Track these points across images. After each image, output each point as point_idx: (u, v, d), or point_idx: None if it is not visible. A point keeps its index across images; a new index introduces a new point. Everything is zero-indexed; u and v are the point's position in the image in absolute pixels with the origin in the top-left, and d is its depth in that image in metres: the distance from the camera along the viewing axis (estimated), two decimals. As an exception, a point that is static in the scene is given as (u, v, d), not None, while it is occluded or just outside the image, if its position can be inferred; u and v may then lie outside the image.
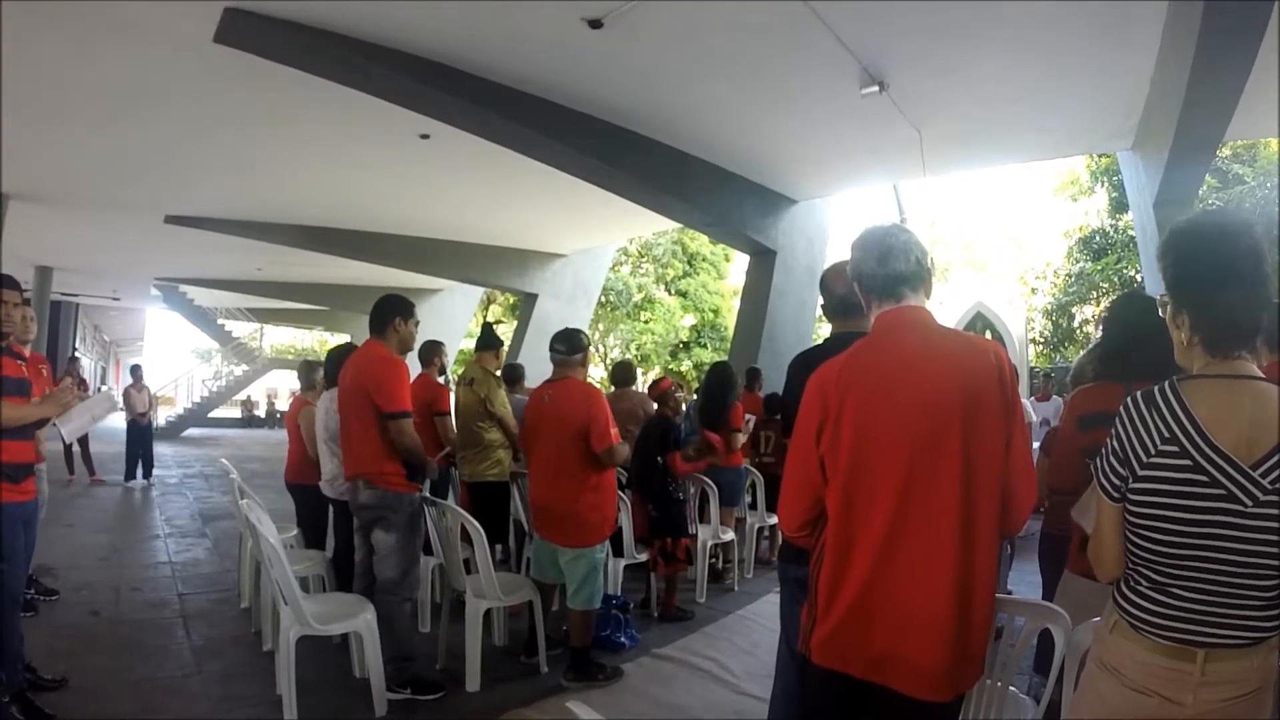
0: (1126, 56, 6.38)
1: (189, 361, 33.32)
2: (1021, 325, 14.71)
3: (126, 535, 8.30)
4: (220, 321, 27.40)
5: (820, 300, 2.97)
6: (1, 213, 11.73)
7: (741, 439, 6.61)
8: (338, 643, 4.46)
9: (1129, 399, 1.69)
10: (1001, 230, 32.71)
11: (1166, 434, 1.61)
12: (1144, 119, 7.52)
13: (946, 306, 14.65)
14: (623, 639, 4.81)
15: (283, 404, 32.86)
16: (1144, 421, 1.64)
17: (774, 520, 6.99)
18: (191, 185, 11.97)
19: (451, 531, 4.41)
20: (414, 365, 4.59)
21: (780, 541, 2.86)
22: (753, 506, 6.98)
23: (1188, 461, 1.58)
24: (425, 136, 8.96)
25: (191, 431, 23.29)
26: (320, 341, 39.56)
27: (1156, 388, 1.66)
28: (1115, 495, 1.69)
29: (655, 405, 5.93)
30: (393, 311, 4.15)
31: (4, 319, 3.57)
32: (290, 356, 33.80)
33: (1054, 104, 7.47)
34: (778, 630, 3.01)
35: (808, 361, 2.50)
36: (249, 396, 30.26)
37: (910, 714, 1.89)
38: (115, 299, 26.54)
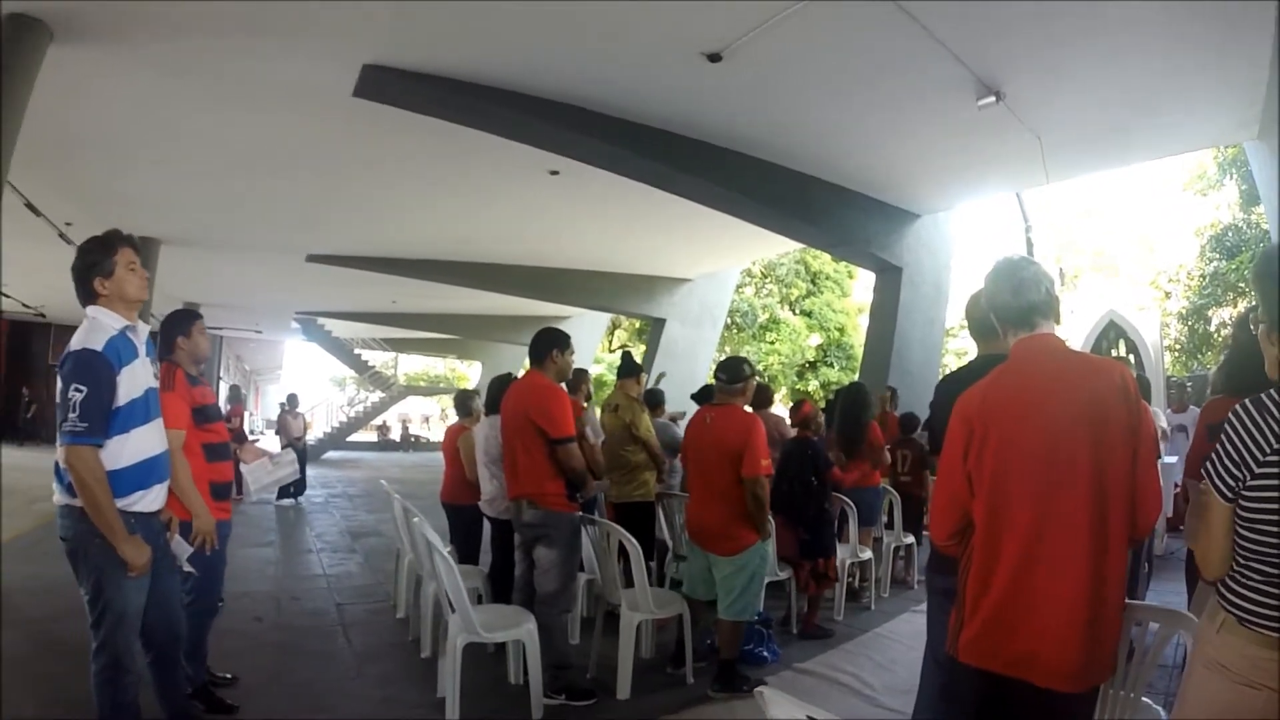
0: (1243, 42, 6.05)
1: (326, 388, 34.97)
2: (1156, 332, 14.03)
3: (281, 550, 8.85)
4: (357, 351, 28.52)
5: (960, 320, 3.09)
6: (154, 256, 12.58)
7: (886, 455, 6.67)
8: (492, 652, 4.64)
9: (1238, 406, 1.80)
10: (1132, 232, 31.03)
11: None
12: (1266, 106, 7.08)
13: (1078, 316, 14.13)
14: (765, 653, 4.91)
15: (416, 428, 34.07)
16: (1257, 426, 1.74)
17: (910, 540, 7.00)
18: (331, 226, 12.72)
19: (609, 549, 4.63)
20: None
21: (930, 555, 2.97)
22: (889, 526, 6.94)
23: None
24: (555, 173, 9.28)
25: (330, 454, 24.41)
26: (451, 369, 40.82)
27: (1264, 394, 1.77)
28: (1229, 496, 1.78)
29: (795, 429, 6.01)
30: (550, 343, 4.42)
31: (203, 349, 3.94)
32: (423, 383, 35.05)
33: (1172, 98, 7.19)
34: (915, 648, 3.12)
35: (956, 383, 2.66)
36: (384, 421, 31.42)
37: (1048, 705, 2.05)
38: (257, 332, 28.02)
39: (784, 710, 1.63)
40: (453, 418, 6.67)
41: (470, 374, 36.18)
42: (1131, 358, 13.37)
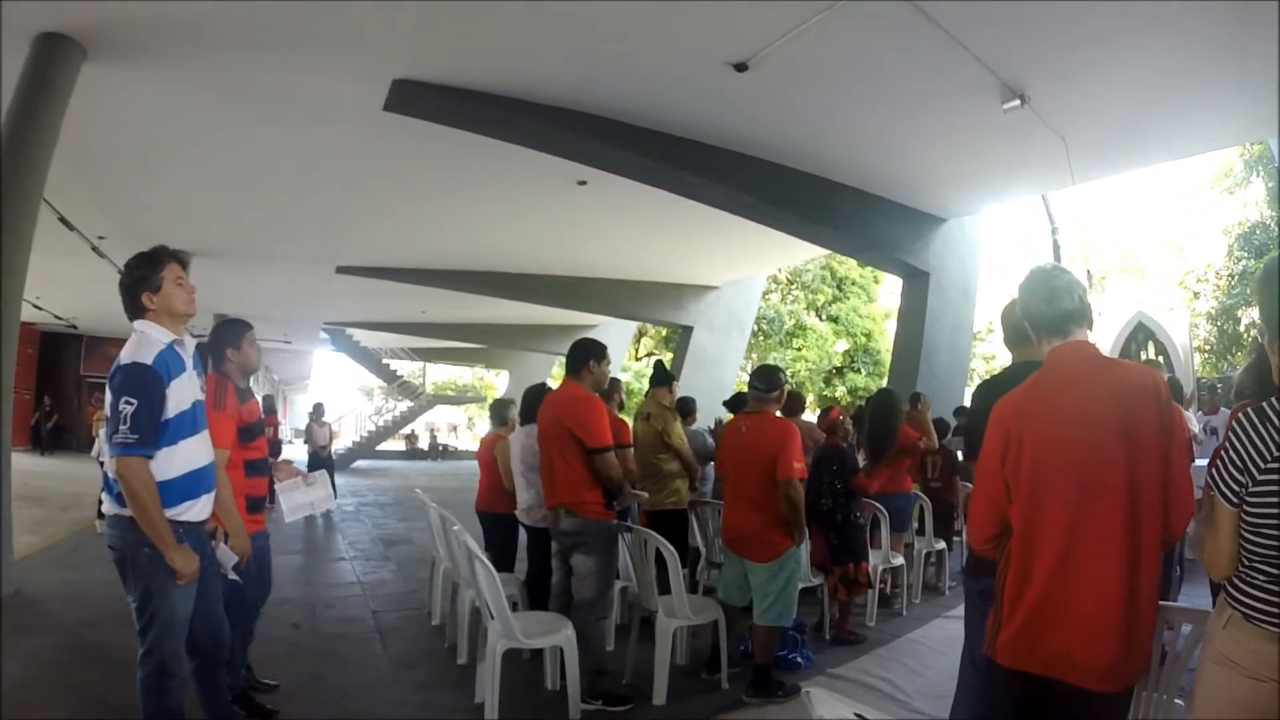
0: (1263, 40, 5.97)
1: (354, 398, 35.14)
2: (1185, 333, 13.89)
3: (315, 557, 8.92)
4: (385, 361, 28.75)
5: (988, 323, 3.13)
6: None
7: (929, 441, 6.69)
8: (528, 658, 4.68)
9: (1241, 414, 1.87)
10: (1159, 232, 30.56)
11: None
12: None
13: (1106, 317, 14.01)
14: (799, 659, 4.91)
15: (444, 437, 34.17)
16: (1260, 434, 1.81)
17: (941, 546, 6.99)
18: (360, 238, 12.89)
19: (645, 556, 4.64)
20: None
21: (967, 558, 3.00)
22: (920, 532, 6.93)
23: None
24: (582, 183, 9.39)
25: (360, 463, 24.61)
26: (478, 378, 40.88)
27: (1266, 403, 1.84)
28: (1234, 500, 1.85)
29: (825, 435, 6.01)
30: (587, 354, 4.45)
31: (252, 360, 4.00)
32: (450, 392, 35.19)
33: (1194, 97, 7.16)
34: (947, 653, 3.13)
35: (994, 389, 2.70)
36: (412, 430, 31.61)
37: (1084, 706, 2.10)
38: (286, 342, 28.35)
39: (831, 709, 1.66)
40: (480, 427, 6.69)
41: (498, 383, 36.35)
42: (1161, 359, 13.24)
